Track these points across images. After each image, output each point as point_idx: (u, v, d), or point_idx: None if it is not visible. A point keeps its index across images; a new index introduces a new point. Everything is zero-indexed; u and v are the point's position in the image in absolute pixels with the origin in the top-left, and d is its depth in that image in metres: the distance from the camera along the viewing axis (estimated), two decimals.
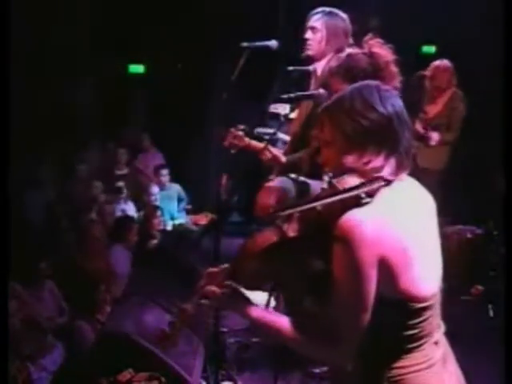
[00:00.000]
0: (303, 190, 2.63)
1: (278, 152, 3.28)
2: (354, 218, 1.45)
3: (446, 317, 1.67)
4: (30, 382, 3.54)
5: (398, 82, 2.41)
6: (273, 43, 3.27)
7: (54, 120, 6.77)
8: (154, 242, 5.76)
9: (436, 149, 4.97)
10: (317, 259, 1.58)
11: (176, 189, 7.05)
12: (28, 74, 6.28)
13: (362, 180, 1.53)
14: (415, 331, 1.53)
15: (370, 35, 2.45)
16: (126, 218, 5.75)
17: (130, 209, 6.32)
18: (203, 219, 6.73)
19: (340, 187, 1.52)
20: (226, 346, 3.96)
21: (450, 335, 1.69)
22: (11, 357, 3.32)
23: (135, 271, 4.98)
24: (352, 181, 1.53)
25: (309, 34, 3.19)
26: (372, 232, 1.43)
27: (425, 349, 1.55)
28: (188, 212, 7.16)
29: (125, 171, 7.17)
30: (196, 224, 6.74)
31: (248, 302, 1.64)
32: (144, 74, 8.21)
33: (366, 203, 1.50)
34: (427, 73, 5.09)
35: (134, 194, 6.70)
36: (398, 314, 1.51)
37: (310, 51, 3.19)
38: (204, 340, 3.75)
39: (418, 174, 1.69)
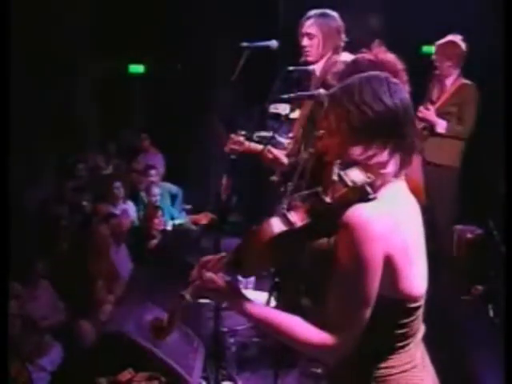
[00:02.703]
0: None
1: (279, 153, 3.28)
2: (363, 212, 1.45)
3: (446, 317, 1.68)
4: (30, 382, 3.54)
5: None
6: (273, 43, 3.27)
7: (54, 120, 6.76)
8: (154, 241, 5.77)
9: (448, 143, 4.75)
10: (320, 249, 1.58)
11: (167, 186, 7.07)
12: (28, 74, 6.27)
13: (368, 174, 1.51)
14: (404, 330, 1.53)
15: (376, 42, 2.42)
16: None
17: (130, 209, 6.32)
18: (203, 219, 6.73)
19: (348, 180, 1.50)
20: (226, 346, 3.96)
21: (451, 335, 1.70)
22: (11, 357, 3.32)
23: (136, 271, 4.99)
24: (360, 175, 1.51)
25: (306, 41, 3.20)
26: (380, 229, 1.43)
27: (410, 349, 1.55)
28: (188, 212, 7.16)
29: (109, 171, 7.14)
30: (196, 224, 6.73)
31: (245, 296, 1.59)
32: (144, 74, 8.21)
33: (372, 199, 1.49)
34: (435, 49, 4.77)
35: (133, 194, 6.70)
36: (392, 313, 1.50)
37: (310, 57, 3.21)
38: (204, 340, 3.76)
39: (430, 169, 1.66)
